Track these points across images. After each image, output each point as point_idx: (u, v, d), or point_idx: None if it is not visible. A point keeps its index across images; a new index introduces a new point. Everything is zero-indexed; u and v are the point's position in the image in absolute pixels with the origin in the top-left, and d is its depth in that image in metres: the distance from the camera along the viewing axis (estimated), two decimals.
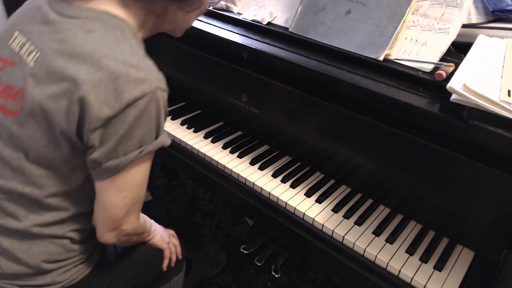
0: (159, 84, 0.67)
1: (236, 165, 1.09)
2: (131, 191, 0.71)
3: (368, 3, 0.94)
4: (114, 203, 0.72)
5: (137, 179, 0.71)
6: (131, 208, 0.74)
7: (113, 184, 0.69)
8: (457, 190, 0.84)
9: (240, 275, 1.60)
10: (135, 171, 0.70)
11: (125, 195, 0.71)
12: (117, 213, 0.73)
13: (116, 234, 0.77)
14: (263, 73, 1.06)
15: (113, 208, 0.72)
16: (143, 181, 0.73)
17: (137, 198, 0.74)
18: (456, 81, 0.73)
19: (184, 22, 0.81)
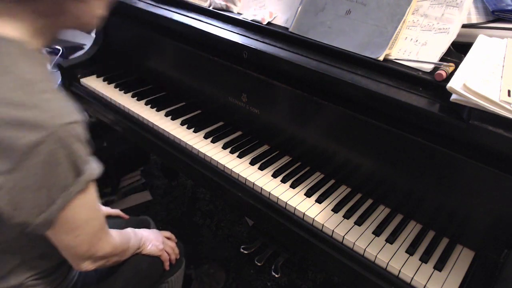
0: (61, 120, 0.56)
1: (236, 165, 1.09)
2: (81, 228, 0.67)
3: (368, 3, 0.94)
4: (70, 245, 0.69)
5: (81, 216, 0.66)
6: (93, 239, 0.71)
7: (58, 231, 0.65)
8: (457, 190, 0.84)
9: (240, 275, 1.60)
10: (74, 212, 0.64)
11: (77, 234, 0.67)
12: (78, 250, 0.70)
13: (91, 261, 0.74)
14: (263, 73, 1.06)
15: (71, 248, 0.70)
16: (89, 214, 0.68)
17: (93, 229, 0.70)
18: (456, 81, 0.73)
19: (87, 14, 0.68)
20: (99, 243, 0.73)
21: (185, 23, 1.18)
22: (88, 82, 1.48)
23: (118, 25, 1.48)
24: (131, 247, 0.90)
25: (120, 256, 0.86)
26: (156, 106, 1.33)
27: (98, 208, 0.71)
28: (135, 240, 0.93)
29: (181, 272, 1.14)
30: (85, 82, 1.48)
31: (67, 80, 1.52)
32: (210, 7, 1.22)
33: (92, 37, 1.84)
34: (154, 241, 1.00)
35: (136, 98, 1.38)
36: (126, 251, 0.87)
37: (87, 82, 1.48)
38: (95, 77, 1.51)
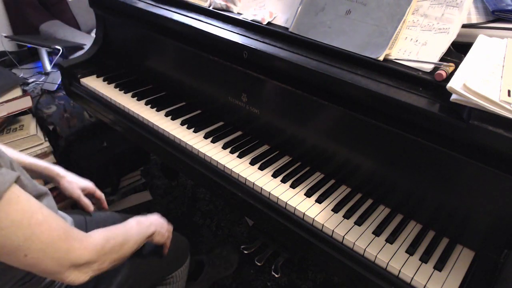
0: None
1: (236, 165, 1.09)
2: (22, 248, 0.59)
3: (368, 3, 0.94)
4: (29, 265, 0.62)
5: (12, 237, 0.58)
6: (54, 252, 0.63)
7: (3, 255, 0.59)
8: (457, 190, 0.84)
9: (240, 275, 1.60)
10: None
11: (22, 254, 0.60)
12: (44, 267, 0.63)
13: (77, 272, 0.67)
14: (263, 73, 1.06)
15: (35, 268, 0.63)
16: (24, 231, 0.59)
17: (44, 243, 0.62)
18: (456, 81, 0.73)
19: None
20: (70, 252, 0.65)
21: (185, 23, 1.18)
22: (88, 82, 1.48)
23: (118, 25, 1.48)
24: (132, 239, 0.84)
25: (119, 253, 0.79)
26: (156, 106, 1.33)
27: (44, 219, 0.62)
28: (139, 230, 0.88)
29: (186, 267, 1.15)
30: (85, 82, 1.48)
31: (67, 80, 1.52)
32: (210, 7, 1.22)
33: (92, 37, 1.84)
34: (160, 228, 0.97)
35: (136, 98, 1.38)
36: (123, 246, 0.80)
37: (87, 82, 1.48)
38: (95, 77, 1.51)
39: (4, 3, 2.15)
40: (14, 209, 0.58)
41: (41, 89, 1.77)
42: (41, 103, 1.69)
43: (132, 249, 0.84)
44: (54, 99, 1.73)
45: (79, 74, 1.51)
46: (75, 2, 2.33)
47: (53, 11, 2.27)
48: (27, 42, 1.93)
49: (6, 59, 2.00)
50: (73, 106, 1.74)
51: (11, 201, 0.58)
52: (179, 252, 1.13)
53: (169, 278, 1.10)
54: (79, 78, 1.50)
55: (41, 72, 1.94)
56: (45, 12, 2.23)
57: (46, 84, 1.79)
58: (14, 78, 1.62)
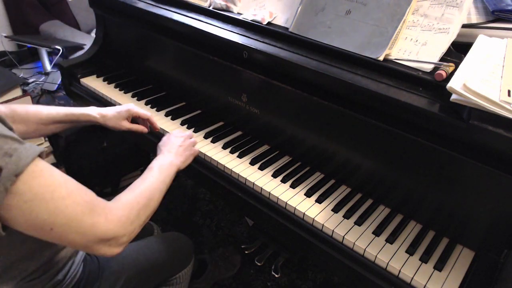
0: None
1: (236, 165, 1.09)
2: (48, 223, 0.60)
3: (368, 3, 0.94)
4: (57, 239, 0.62)
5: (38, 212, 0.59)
6: (80, 227, 0.62)
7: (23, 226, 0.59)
8: (457, 190, 0.84)
9: (240, 275, 1.60)
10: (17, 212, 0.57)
11: (50, 227, 0.60)
12: (73, 242, 0.63)
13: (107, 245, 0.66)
14: (263, 73, 1.06)
15: (64, 243, 0.63)
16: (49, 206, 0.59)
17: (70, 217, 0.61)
18: (456, 81, 0.73)
19: None
20: (95, 227, 0.64)
21: (185, 23, 1.18)
22: (88, 82, 1.48)
23: (118, 25, 1.48)
24: (157, 192, 0.81)
25: (146, 213, 0.76)
26: (156, 106, 1.33)
27: (68, 193, 0.62)
28: (163, 177, 0.85)
29: (190, 269, 1.15)
30: (85, 82, 1.48)
31: (67, 80, 1.52)
32: (210, 7, 1.22)
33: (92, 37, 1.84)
34: (184, 158, 0.95)
35: (136, 98, 1.38)
36: (149, 205, 0.78)
37: (87, 82, 1.48)
38: (95, 77, 1.51)
39: (4, 3, 2.15)
40: (37, 183, 0.58)
41: (41, 89, 1.77)
42: (41, 103, 1.70)
43: (160, 199, 0.82)
44: (54, 99, 1.73)
45: (79, 74, 1.51)
46: (75, 2, 2.33)
47: (53, 11, 2.27)
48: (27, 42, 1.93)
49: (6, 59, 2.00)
50: (73, 106, 1.74)
51: (34, 174, 0.58)
52: (184, 253, 1.14)
53: (173, 279, 1.10)
54: (79, 78, 1.50)
55: (41, 72, 1.94)
56: (45, 12, 2.23)
57: (46, 84, 1.79)
58: (14, 78, 1.62)
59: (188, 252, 1.15)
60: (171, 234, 1.16)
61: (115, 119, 1.06)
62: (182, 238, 1.16)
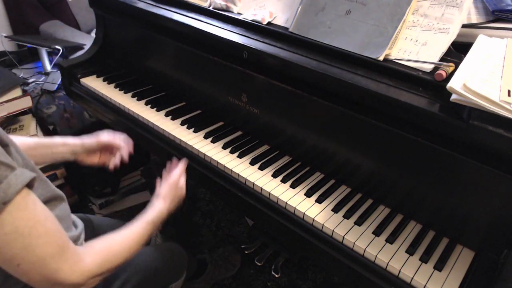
0: None
1: (236, 165, 1.09)
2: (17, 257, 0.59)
3: (368, 3, 0.94)
4: (17, 273, 0.62)
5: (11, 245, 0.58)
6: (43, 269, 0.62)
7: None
8: (457, 190, 0.84)
9: (240, 275, 1.60)
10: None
11: (15, 263, 0.60)
12: (32, 280, 0.63)
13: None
14: (263, 73, 1.06)
15: (23, 277, 0.63)
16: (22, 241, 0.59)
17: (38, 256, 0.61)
18: (456, 81, 0.73)
19: None
20: (57, 273, 0.64)
21: (185, 23, 1.18)
22: (88, 82, 1.48)
23: (118, 25, 1.48)
24: (140, 243, 0.82)
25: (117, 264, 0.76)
26: (156, 106, 1.33)
27: (45, 231, 0.62)
28: (152, 228, 0.86)
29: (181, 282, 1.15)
30: (85, 82, 1.48)
31: (67, 80, 1.52)
32: (210, 7, 1.22)
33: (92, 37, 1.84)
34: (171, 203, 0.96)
35: (136, 98, 1.38)
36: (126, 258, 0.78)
37: (87, 82, 1.48)
38: (95, 77, 1.51)
39: (4, 3, 2.15)
40: (20, 216, 0.58)
41: (41, 89, 1.77)
42: (41, 103, 1.70)
43: (135, 253, 0.82)
44: (54, 99, 1.73)
45: (79, 74, 1.51)
46: (75, 2, 2.33)
47: (53, 11, 2.27)
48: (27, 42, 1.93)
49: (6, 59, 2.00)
50: (73, 106, 1.74)
51: (19, 206, 0.58)
52: (177, 265, 1.13)
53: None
54: (79, 78, 1.50)
55: (41, 72, 1.94)
56: (45, 12, 2.23)
57: (46, 84, 1.79)
58: (14, 78, 1.62)
59: (181, 265, 1.15)
60: (169, 245, 1.16)
61: (85, 154, 1.05)
62: (177, 249, 1.16)
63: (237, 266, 1.59)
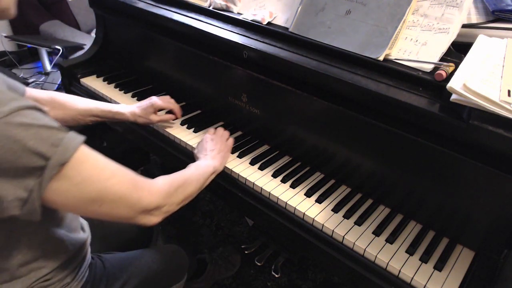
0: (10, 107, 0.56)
1: (236, 165, 1.09)
2: (98, 200, 0.65)
3: (368, 3, 0.94)
4: (106, 214, 0.67)
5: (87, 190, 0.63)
6: (127, 200, 0.68)
7: (66, 207, 0.64)
8: (457, 190, 0.84)
9: (240, 275, 1.60)
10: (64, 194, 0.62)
11: (98, 204, 0.65)
12: (120, 214, 0.69)
13: (148, 215, 0.73)
14: (263, 73, 1.06)
15: (113, 216, 0.69)
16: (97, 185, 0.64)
17: (117, 193, 0.67)
18: (456, 81, 0.73)
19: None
20: (140, 201, 0.71)
21: (185, 23, 1.18)
22: (88, 82, 1.48)
23: (118, 25, 1.48)
24: (193, 182, 0.88)
25: (184, 194, 0.83)
26: None
27: (112, 173, 0.68)
28: (198, 174, 0.92)
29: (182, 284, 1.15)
30: (85, 82, 1.48)
31: (67, 80, 1.52)
32: (210, 7, 1.22)
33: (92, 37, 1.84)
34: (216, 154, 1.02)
35: (136, 98, 1.38)
36: (186, 188, 0.85)
37: (87, 82, 1.48)
38: (95, 77, 1.51)
39: None
40: (84, 167, 0.63)
41: (41, 89, 1.77)
42: None
43: (196, 189, 0.90)
44: None
45: (79, 74, 1.51)
46: (75, 2, 2.33)
47: (53, 11, 2.27)
48: (27, 42, 1.94)
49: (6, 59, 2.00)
50: None
51: (80, 160, 0.63)
52: (178, 267, 1.14)
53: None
54: (79, 78, 1.50)
55: (41, 72, 1.94)
56: (45, 12, 2.23)
57: (46, 84, 1.79)
58: (14, 78, 1.62)
59: (182, 268, 1.15)
60: (170, 247, 1.16)
61: (145, 116, 1.16)
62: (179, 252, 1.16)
63: (237, 266, 1.59)
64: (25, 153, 0.56)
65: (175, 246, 1.18)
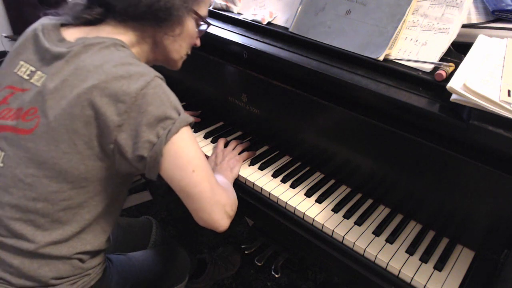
0: (155, 73, 0.72)
1: None
2: (192, 164, 0.73)
3: (368, 3, 0.94)
4: (189, 182, 0.73)
5: (188, 152, 0.73)
6: (209, 179, 0.75)
7: (171, 165, 0.71)
8: (457, 190, 0.84)
9: (240, 275, 1.60)
10: (179, 146, 0.72)
11: (191, 169, 0.72)
12: (204, 193, 0.74)
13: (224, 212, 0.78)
14: (263, 73, 1.06)
15: (193, 187, 0.73)
16: (195, 153, 0.74)
17: (205, 170, 0.75)
18: (456, 81, 0.73)
19: (174, 51, 0.85)
20: (219, 189, 0.77)
21: None
22: None
23: None
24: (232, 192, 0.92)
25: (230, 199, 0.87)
26: None
27: (203, 155, 0.76)
28: (228, 184, 0.95)
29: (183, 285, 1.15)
30: None
31: None
32: (210, 7, 1.22)
33: None
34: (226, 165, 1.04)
35: None
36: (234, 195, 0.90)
37: None
38: None
39: (4, 3, 2.15)
40: (192, 136, 0.75)
41: None
42: None
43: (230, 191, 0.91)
44: None
45: None
46: None
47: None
48: None
49: None
50: None
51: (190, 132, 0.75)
52: (180, 268, 1.14)
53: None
54: None
55: None
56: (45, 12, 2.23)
57: None
58: None
59: (183, 270, 1.15)
60: (171, 248, 1.16)
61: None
62: (181, 254, 1.17)
63: (236, 265, 1.59)
64: (167, 102, 0.70)
65: (177, 247, 1.18)
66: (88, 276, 0.83)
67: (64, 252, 0.76)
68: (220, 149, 1.10)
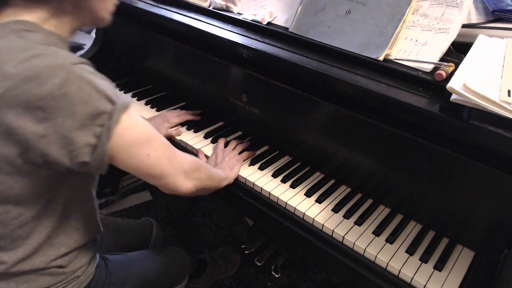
0: (72, 61, 0.63)
1: None
2: (145, 146, 0.69)
3: (368, 3, 0.94)
4: (149, 164, 0.70)
5: (138, 135, 0.69)
6: (167, 152, 0.74)
7: (125, 158, 0.68)
8: (457, 190, 0.84)
9: (240, 275, 1.60)
10: (127, 137, 0.66)
11: (145, 152, 0.69)
12: (161, 166, 0.72)
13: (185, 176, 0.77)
14: (263, 73, 1.06)
15: (154, 167, 0.71)
16: (145, 133, 0.70)
17: (160, 145, 0.72)
18: (456, 81, 0.73)
19: (102, 9, 0.76)
20: (177, 156, 0.76)
21: (185, 23, 1.18)
22: None
23: (118, 25, 1.48)
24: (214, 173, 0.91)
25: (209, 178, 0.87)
26: (156, 106, 1.33)
27: (154, 130, 0.73)
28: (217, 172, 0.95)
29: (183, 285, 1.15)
30: None
31: None
32: (210, 7, 1.22)
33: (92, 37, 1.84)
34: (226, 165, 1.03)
35: (136, 98, 1.38)
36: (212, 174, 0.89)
37: None
38: None
39: None
40: (137, 116, 0.70)
41: None
42: None
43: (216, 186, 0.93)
44: None
45: None
46: None
47: None
48: None
49: None
50: None
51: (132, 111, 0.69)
52: (180, 269, 1.14)
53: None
54: None
55: None
56: None
57: None
58: None
59: (183, 270, 1.15)
60: (171, 248, 1.16)
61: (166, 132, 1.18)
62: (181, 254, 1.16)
63: (236, 265, 1.59)
64: (96, 94, 0.62)
65: (177, 247, 1.18)
66: (77, 280, 0.81)
67: (38, 264, 0.73)
68: (220, 149, 1.09)
